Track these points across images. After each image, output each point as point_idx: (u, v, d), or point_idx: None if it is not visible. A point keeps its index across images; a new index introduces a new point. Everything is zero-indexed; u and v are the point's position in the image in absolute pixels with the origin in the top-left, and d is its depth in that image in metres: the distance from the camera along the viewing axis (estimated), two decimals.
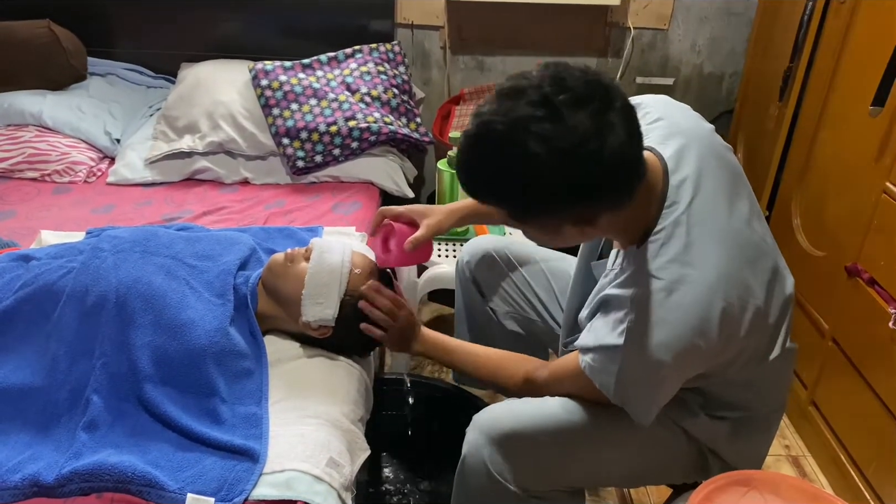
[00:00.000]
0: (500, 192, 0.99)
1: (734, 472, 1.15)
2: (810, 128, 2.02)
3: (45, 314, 1.30)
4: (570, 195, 0.94)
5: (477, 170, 0.98)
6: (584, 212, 0.98)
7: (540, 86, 0.92)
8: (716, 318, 1.02)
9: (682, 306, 1.02)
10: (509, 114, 0.92)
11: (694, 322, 1.02)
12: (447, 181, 2.00)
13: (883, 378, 1.66)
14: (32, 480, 1.11)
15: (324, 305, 1.35)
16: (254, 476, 1.14)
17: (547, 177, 0.92)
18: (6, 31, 2.36)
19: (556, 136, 0.89)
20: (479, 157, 0.97)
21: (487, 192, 1.00)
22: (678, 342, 1.02)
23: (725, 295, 1.03)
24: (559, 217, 0.99)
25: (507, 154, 0.92)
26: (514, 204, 0.99)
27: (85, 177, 2.23)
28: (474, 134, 0.96)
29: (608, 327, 1.09)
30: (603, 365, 1.11)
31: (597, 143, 0.90)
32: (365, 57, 2.38)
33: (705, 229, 1.05)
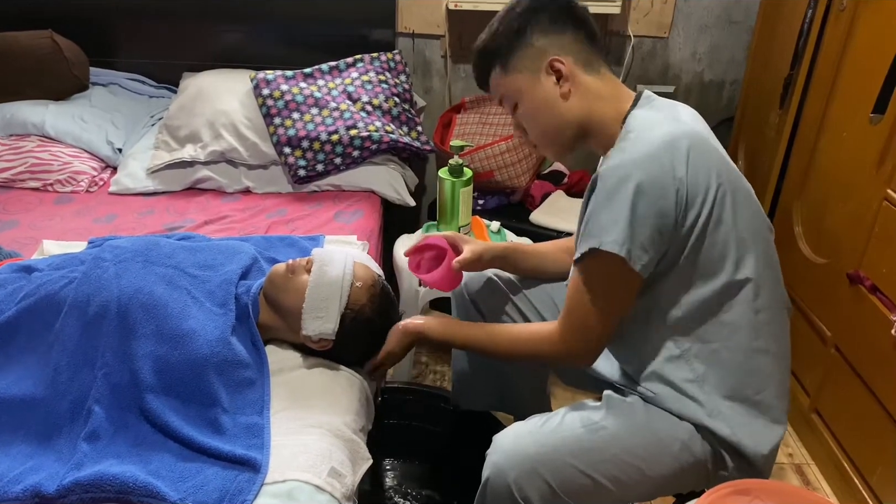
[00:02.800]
0: (493, 43, 1.30)
1: (736, 481, 1.14)
2: (811, 135, 2.02)
3: (47, 325, 1.30)
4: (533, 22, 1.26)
5: (481, 42, 1.33)
6: (550, 45, 1.25)
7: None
8: (684, 149, 1.14)
9: (652, 136, 1.15)
10: None
11: (666, 144, 1.14)
12: (448, 189, 2.00)
13: (886, 385, 1.65)
14: (34, 491, 1.10)
15: (324, 319, 1.35)
16: (255, 486, 1.13)
17: (521, 13, 1.27)
18: (9, 41, 2.37)
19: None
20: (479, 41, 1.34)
21: (487, 51, 1.31)
22: (649, 156, 1.13)
23: (690, 137, 1.16)
24: (533, 50, 1.25)
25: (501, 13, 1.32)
26: (499, 45, 1.29)
27: (87, 186, 2.23)
28: None
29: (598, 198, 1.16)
30: (593, 223, 1.16)
31: None
32: (366, 66, 2.39)
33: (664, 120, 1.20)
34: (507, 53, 1.27)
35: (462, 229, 2.08)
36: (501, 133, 2.40)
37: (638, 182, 1.12)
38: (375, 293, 1.41)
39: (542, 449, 1.20)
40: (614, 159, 1.15)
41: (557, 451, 1.19)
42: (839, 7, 1.89)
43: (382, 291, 1.44)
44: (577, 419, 1.23)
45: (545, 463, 1.18)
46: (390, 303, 1.46)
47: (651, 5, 2.52)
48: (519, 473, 1.18)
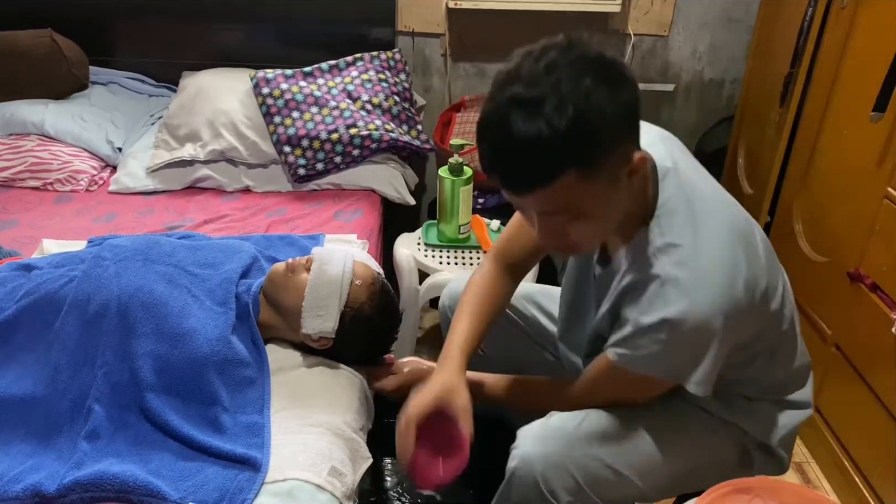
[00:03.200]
0: (567, 147, 0.91)
1: (737, 479, 1.14)
2: (811, 134, 2.02)
3: (47, 323, 1.30)
4: (627, 111, 0.95)
5: (535, 141, 0.91)
6: (632, 139, 0.99)
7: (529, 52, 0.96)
8: (745, 273, 1.05)
9: (712, 265, 1.04)
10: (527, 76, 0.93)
11: (729, 278, 1.04)
12: (448, 188, 2.00)
13: (886, 384, 1.65)
14: (34, 490, 1.11)
15: (324, 318, 1.35)
16: (255, 485, 1.14)
17: (609, 95, 0.92)
18: (8, 40, 2.36)
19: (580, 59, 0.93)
20: (526, 128, 0.91)
21: (554, 158, 0.92)
22: (721, 299, 1.04)
23: (745, 249, 1.08)
24: (622, 148, 0.97)
25: (549, 104, 0.90)
26: (589, 146, 0.93)
27: (87, 185, 2.23)
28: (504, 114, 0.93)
29: (640, 310, 1.08)
30: (644, 347, 1.09)
31: (618, 66, 0.95)
32: (366, 65, 2.39)
33: (702, 198, 1.10)
34: (596, 155, 0.94)
35: (462, 228, 2.08)
36: None
37: (722, 330, 1.06)
38: (375, 291, 1.41)
39: (570, 443, 1.19)
40: (678, 300, 1.04)
41: (585, 446, 1.19)
42: (839, 5, 1.89)
43: (382, 289, 1.44)
44: (604, 414, 1.22)
45: (573, 457, 1.18)
46: (390, 301, 1.46)
47: (651, 4, 2.52)
48: (546, 467, 1.17)
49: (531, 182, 0.95)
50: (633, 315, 1.10)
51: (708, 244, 1.06)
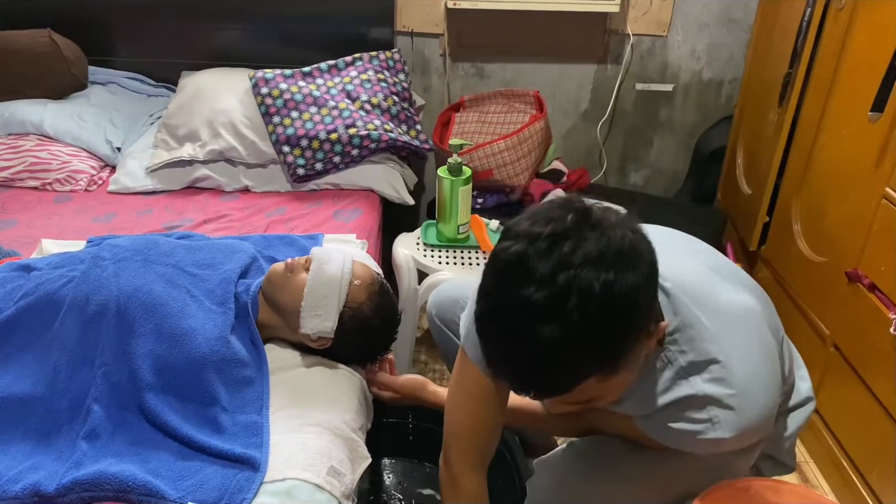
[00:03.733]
0: (587, 355, 0.85)
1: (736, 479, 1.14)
2: (810, 133, 2.02)
3: (47, 324, 1.31)
4: (652, 297, 0.90)
5: (552, 354, 0.84)
6: (653, 314, 0.94)
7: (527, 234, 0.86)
8: (777, 361, 1.08)
9: (752, 376, 1.03)
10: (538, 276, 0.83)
11: (769, 382, 1.05)
12: (447, 188, 2.00)
13: (884, 383, 1.65)
14: (33, 490, 1.11)
15: (323, 318, 1.35)
16: (254, 485, 1.14)
17: (635, 287, 0.84)
18: (7, 40, 2.36)
19: (598, 252, 0.83)
20: (543, 340, 0.83)
21: (573, 367, 0.87)
22: (767, 404, 1.05)
23: (767, 339, 1.08)
24: (640, 340, 0.91)
25: (569, 310, 0.82)
26: (611, 354, 0.88)
27: (86, 185, 2.23)
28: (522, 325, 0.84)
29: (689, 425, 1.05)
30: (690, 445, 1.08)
31: (632, 237, 0.87)
32: (365, 65, 2.39)
33: (706, 300, 1.06)
34: (618, 358, 0.89)
35: (461, 228, 2.08)
36: (500, 132, 2.40)
37: (767, 427, 1.09)
38: (374, 291, 1.42)
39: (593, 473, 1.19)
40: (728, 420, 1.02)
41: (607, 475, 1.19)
42: (838, 5, 1.89)
43: (381, 289, 1.44)
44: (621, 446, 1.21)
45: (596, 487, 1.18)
46: (389, 301, 1.46)
47: (650, 4, 2.52)
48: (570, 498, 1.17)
49: (549, 392, 0.91)
50: (678, 427, 1.06)
51: (737, 353, 1.03)
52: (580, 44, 2.60)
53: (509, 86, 2.61)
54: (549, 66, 2.63)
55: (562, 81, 2.66)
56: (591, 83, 2.67)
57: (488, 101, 2.53)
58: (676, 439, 1.08)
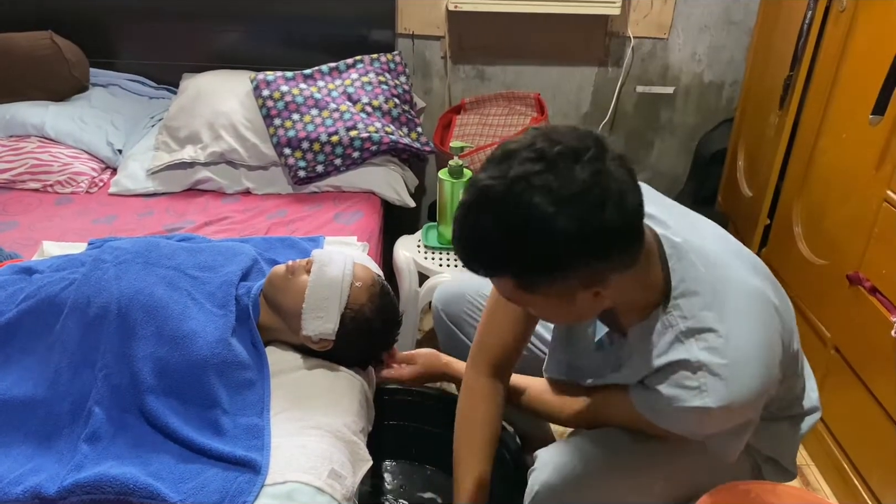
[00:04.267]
0: (506, 258, 0.94)
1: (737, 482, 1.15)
2: (810, 136, 2.02)
3: (48, 326, 1.31)
4: (579, 248, 0.91)
5: (479, 238, 0.93)
6: (594, 270, 0.95)
7: (532, 144, 0.91)
8: (777, 345, 1.08)
9: (747, 349, 1.04)
10: (507, 173, 0.90)
11: (765, 359, 1.05)
12: (448, 190, 2.00)
13: (885, 386, 1.65)
14: (34, 492, 1.11)
15: (324, 319, 1.35)
16: (255, 488, 1.14)
17: (555, 230, 0.88)
18: (8, 42, 2.37)
19: (558, 186, 0.88)
20: (480, 223, 0.92)
21: (492, 260, 0.96)
22: (759, 381, 1.05)
23: (771, 318, 1.08)
24: (568, 279, 0.95)
25: (511, 213, 0.89)
26: (521, 269, 0.95)
27: (87, 187, 2.23)
28: (472, 201, 0.93)
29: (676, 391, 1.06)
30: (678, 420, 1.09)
31: (600, 190, 0.89)
32: (366, 67, 2.39)
33: (715, 265, 1.08)
34: (532, 278, 0.96)
35: None
36: (501, 134, 2.40)
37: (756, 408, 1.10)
38: (375, 293, 1.42)
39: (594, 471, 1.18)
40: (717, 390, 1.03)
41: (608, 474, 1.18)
42: (839, 8, 1.89)
43: (382, 291, 1.44)
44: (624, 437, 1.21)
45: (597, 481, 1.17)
46: (390, 303, 1.46)
47: (651, 6, 2.52)
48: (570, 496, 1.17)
49: (471, 267, 0.98)
50: (668, 393, 1.08)
51: (740, 326, 1.05)
52: (581, 46, 2.60)
53: (510, 88, 2.61)
54: (550, 68, 2.64)
55: (563, 84, 2.66)
56: (591, 86, 2.67)
57: (489, 103, 2.53)
58: (666, 411, 1.08)
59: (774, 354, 1.07)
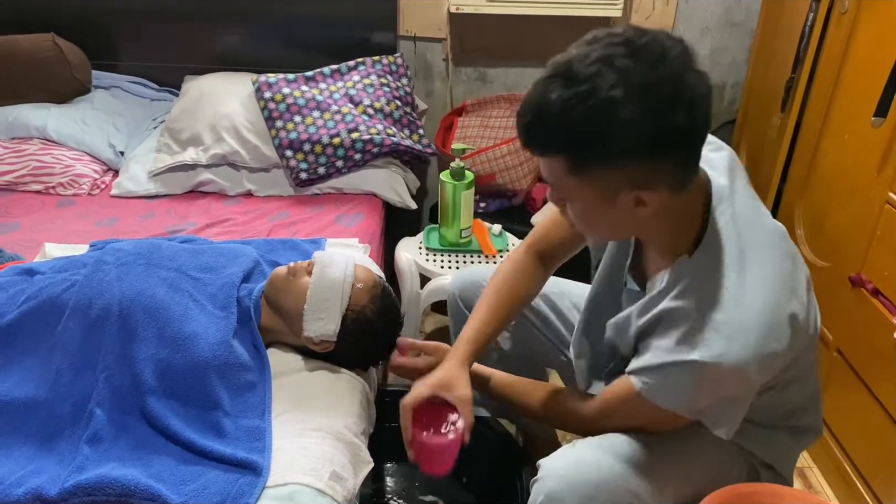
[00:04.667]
0: (564, 131, 0.94)
1: (739, 485, 1.14)
2: (812, 138, 2.02)
3: (49, 327, 1.31)
4: (638, 139, 0.92)
5: (545, 110, 0.93)
6: (644, 172, 0.96)
7: (623, 32, 0.93)
8: (785, 321, 1.04)
9: (752, 312, 1.02)
10: (588, 53, 0.92)
11: (768, 326, 1.02)
12: (450, 192, 2.00)
13: (888, 389, 1.65)
14: (35, 494, 1.11)
15: (325, 321, 1.35)
16: (257, 489, 1.14)
17: (620, 115, 0.90)
18: (11, 44, 2.37)
19: (636, 73, 0.89)
20: (550, 96, 0.92)
21: (552, 136, 0.96)
22: (757, 348, 1.02)
23: (789, 298, 1.05)
24: (619, 171, 0.95)
25: (583, 90, 0.90)
26: (576, 146, 0.95)
27: (89, 189, 2.24)
28: (549, 74, 0.94)
29: (673, 343, 1.06)
30: (671, 384, 1.08)
31: (674, 89, 0.91)
32: (368, 69, 2.39)
33: (755, 233, 1.07)
34: (587, 158, 0.96)
35: (463, 232, 2.08)
36: (503, 136, 2.40)
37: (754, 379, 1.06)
38: (376, 294, 1.42)
39: (600, 475, 1.17)
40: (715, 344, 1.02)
41: (613, 476, 1.17)
42: (841, 10, 1.89)
43: (383, 293, 1.44)
44: (626, 443, 1.20)
45: (603, 490, 1.16)
46: (392, 304, 1.46)
47: (652, 8, 2.52)
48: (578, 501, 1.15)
49: (527, 143, 1.00)
50: (663, 345, 1.08)
51: (752, 289, 1.03)
52: None
53: (512, 90, 2.61)
54: None
55: None
56: None
57: (491, 105, 2.53)
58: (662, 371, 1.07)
59: (783, 327, 1.03)
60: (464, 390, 1.27)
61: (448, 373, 1.28)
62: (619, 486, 1.16)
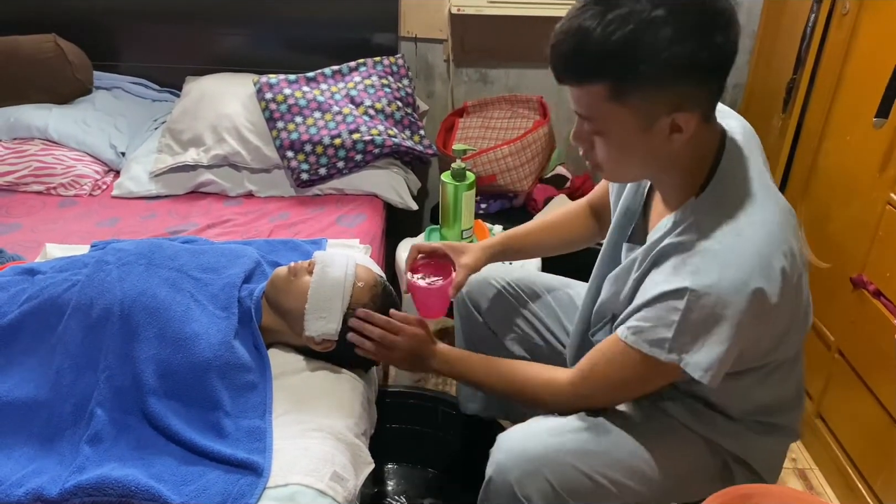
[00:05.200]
0: (607, 56, 0.94)
1: (740, 486, 1.14)
2: (814, 139, 2.02)
3: (50, 327, 1.31)
4: (686, 62, 0.93)
5: (585, 37, 0.94)
6: (687, 95, 0.97)
7: None
8: (778, 269, 1.02)
9: (749, 251, 1.02)
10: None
11: (761, 267, 1.01)
12: (451, 193, 2.00)
13: (889, 390, 1.65)
14: (36, 495, 1.10)
15: (327, 320, 1.35)
16: (257, 490, 1.13)
17: (663, 36, 0.91)
18: (12, 45, 2.37)
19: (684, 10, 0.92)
20: (590, 21, 0.93)
21: (593, 62, 0.96)
22: (746, 284, 1.00)
23: (784, 250, 1.04)
24: (664, 94, 0.97)
25: (620, 12, 0.92)
26: (620, 74, 0.95)
27: (90, 190, 2.24)
28: (584, 4, 0.95)
29: (668, 274, 1.05)
30: (657, 320, 1.06)
31: (714, 14, 0.94)
32: (369, 70, 2.39)
33: (761, 186, 1.08)
34: (630, 81, 0.96)
35: (465, 233, 2.07)
36: (504, 137, 2.40)
37: (744, 313, 1.02)
38: (377, 293, 1.42)
39: (546, 449, 1.19)
40: (707, 270, 1.02)
41: (560, 452, 1.18)
42: (842, 11, 1.89)
43: (384, 292, 1.44)
44: (582, 421, 1.22)
45: (547, 463, 1.17)
46: (392, 303, 1.46)
47: None
48: (521, 473, 1.17)
49: (565, 73, 1.00)
50: (657, 279, 1.07)
51: (752, 226, 1.03)
52: None
53: (513, 91, 2.61)
54: None
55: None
56: None
57: (492, 106, 2.53)
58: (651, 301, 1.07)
59: (775, 272, 1.02)
60: (469, 260, 1.43)
61: (466, 246, 1.45)
62: (567, 464, 1.17)
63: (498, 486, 1.20)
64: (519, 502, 1.18)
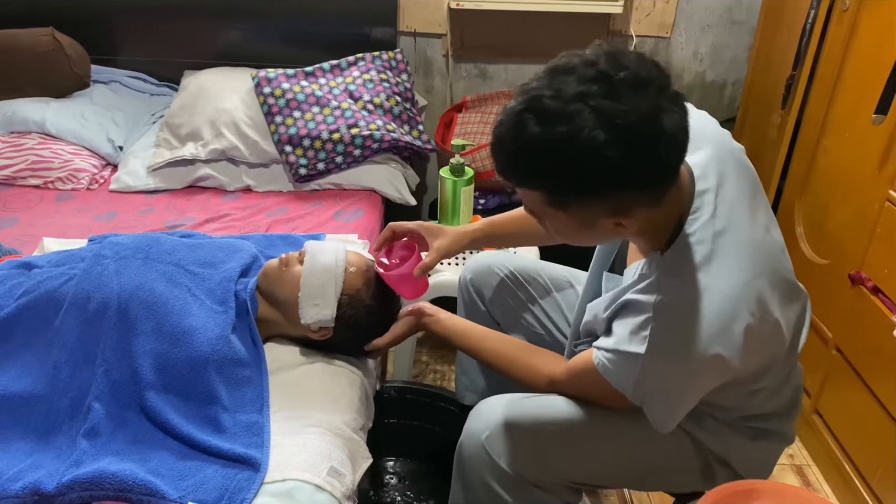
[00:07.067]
0: (544, 171, 0.93)
1: (738, 482, 1.14)
2: (813, 136, 2.02)
3: (47, 321, 1.30)
4: (619, 178, 0.91)
5: (522, 147, 0.92)
6: (625, 201, 0.95)
7: (595, 62, 0.90)
8: (739, 331, 1.02)
9: (706, 317, 1.01)
10: (563, 88, 0.89)
11: (718, 333, 1.01)
12: (450, 189, 2.00)
13: (887, 387, 1.65)
14: (33, 489, 1.10)
15: (321, 306, 1.35)
16: (255, 485, 1.13)
17: (602, 157, 0.88)
18: (9, 38, 2.36)
19: (613, 113, 0.87)
20: (527, 132, 0.91)
21: (529, 170, 0.95)
22: (702, 353, 1.01)
23: (748, 308, 1.03)
24: (600, 204, 0.95)
25: (562, 130, 0.88)
26: (557, 185, 0.94)
27: (87, 184, 2.23)
28: (524, 108, 0.91)
29: (628, 332, 1.07)
30: (620, 368, 1.09)
31: (654, 128, 0.89)
32: (367, 65, 2.38)
33: (729, 239, 1.05)
34: (566, 194, 0.96)
35: None
36: None
37: (696, 383, 1.06)
38: (370, 277, 1.42)
39: (519, 415, 1.21)
40: (662, 342, 1.03)
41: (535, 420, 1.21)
42: (842, 7, 1.89)
43: (377, 274, 1.44)
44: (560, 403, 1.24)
45: (521, 428, 1.20)
46: (387, 286, 1.46)
47: (653, 5, 2.52)
48: (493, 435, 1.20)
49: (503, 175, 0.99)
50: (619, 332, 1.09)
51: (713, 286, 1.02)
52: (583, 45, 2.56)
53: (512, 87, 2.61)
54: None
55: None
56: None
57: (491, 101, 2.53)
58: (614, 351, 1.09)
59: (734, 336, 1.01)
60: (444, 243, 1.44)
61: (443, 228, 1.45)
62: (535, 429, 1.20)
63: (469, 449, 1.23)
64: (492, 464, 1.20)
